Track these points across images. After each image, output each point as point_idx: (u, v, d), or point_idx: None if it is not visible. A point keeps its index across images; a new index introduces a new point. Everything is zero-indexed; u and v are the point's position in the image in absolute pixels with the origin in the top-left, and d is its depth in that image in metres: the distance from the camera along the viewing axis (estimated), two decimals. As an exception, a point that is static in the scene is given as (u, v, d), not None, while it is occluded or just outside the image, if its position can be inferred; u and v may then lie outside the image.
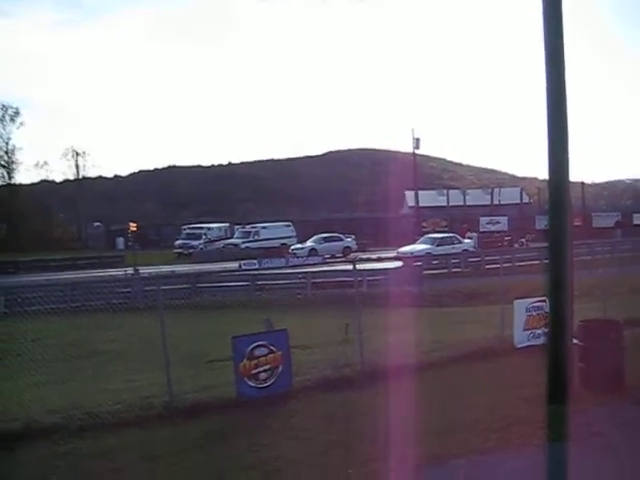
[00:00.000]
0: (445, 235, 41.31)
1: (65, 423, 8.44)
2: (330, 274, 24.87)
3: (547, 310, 9.93)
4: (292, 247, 45.68)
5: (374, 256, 36.90)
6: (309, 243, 45.93)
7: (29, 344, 11.95)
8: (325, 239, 46.12)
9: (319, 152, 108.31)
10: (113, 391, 9.98)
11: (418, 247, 38.16)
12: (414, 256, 33.94)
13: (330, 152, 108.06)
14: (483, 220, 55.90)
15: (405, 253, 35.56)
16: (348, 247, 46.22)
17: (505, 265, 18.63)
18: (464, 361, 11.01)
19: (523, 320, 12.06)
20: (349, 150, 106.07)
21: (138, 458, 7.46)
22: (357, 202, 72.83)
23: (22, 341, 12.11)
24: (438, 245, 37.95)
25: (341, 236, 47.35)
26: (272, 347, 9.66)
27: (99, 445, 7.89)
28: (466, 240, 41.69)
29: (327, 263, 36.10)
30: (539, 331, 11.71)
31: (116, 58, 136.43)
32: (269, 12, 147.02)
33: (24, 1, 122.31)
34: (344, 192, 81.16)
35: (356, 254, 43.24)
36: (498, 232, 50.89)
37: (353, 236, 48.19)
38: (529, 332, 11.99)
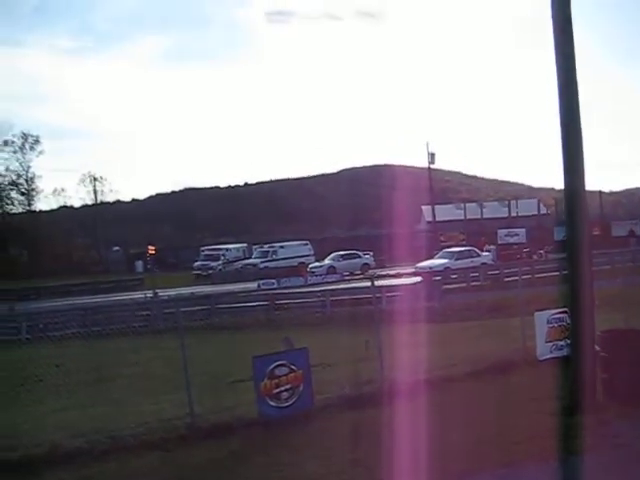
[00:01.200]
0: (463, 249, 41.18)
1: (89, 447, 8.46)
2: (349, 291, 24.80)
3: (568, 321, 9.88)
4: (310, 265, 45.74)
5: (392, 272, 36.84)
6: (327, 261, 45.93)
7: (52, 369, 12.09)
8: (343, 257, 46.06)
9: (334, 170, 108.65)
10: (136, 414, 10.01)
11: (437, 262, 38.08)
12: (433, 271, 33.85)
13: (345, 169, 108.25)
14: (501, 232, 55.43)
15: (424, 268, 35.45)
16: (366, 264, 46.06)
17: (524, 277, 18.52)
18: (486, 375, 10.93)
19: (544, 332, 11.95)
20: (364, 167, 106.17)
21: (162, 480, 7.48)
22: (374, 219, 72.72)
23: (44, 367, 12.25)
24: (457, 259, 37.83)
25: (359, 253, 47.23)
26: (293, 366, 9.63)
27: (123, 468, 7.91)
28: (484, 253, 41.52)
29: (346, 280, 36.07)
30: (562, 343, 11.56)
31: (130, 82, 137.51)
32: (281, 33, 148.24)
33: (38, 29, 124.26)
34: (360, 209, 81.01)
35: (374, 271, 43.11)
36: (516, 244, 50.45)
37: (371, 253, 48.00)
38: (551, 344, 11.87)
